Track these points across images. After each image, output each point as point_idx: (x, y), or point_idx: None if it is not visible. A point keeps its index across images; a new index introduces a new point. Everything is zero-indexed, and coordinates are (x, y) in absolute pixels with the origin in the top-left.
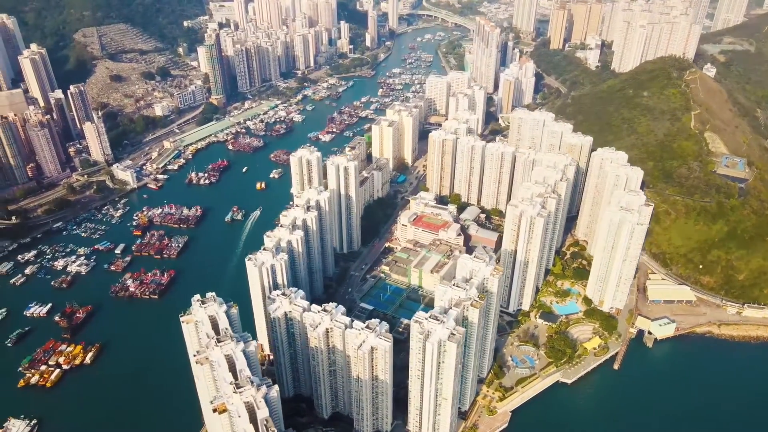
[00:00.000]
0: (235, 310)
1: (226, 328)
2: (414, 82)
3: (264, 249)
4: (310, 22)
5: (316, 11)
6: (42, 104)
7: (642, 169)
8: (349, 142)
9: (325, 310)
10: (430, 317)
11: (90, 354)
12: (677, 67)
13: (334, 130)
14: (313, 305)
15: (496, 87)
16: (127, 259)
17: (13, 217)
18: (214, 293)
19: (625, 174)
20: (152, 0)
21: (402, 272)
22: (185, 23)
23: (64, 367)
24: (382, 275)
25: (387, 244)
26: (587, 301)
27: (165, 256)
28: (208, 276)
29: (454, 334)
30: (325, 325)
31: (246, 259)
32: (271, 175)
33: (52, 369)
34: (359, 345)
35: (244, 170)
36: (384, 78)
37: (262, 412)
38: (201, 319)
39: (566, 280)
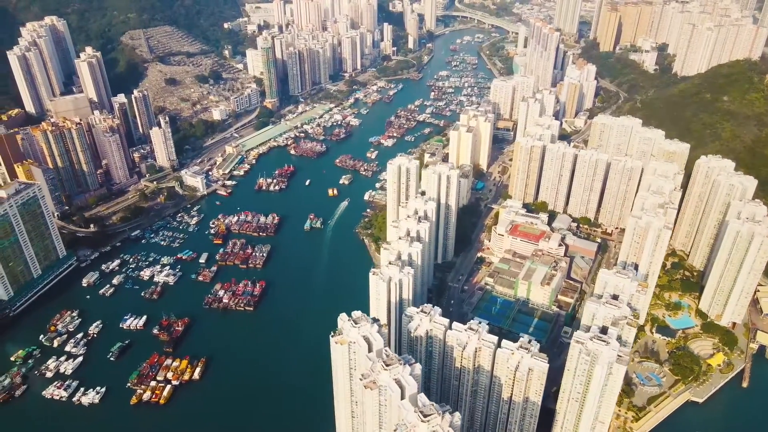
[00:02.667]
0: (385, 330)
1: (386, 350)
2: (464, 85)
3: (390, 264)
4: (352, 24)
5: (358, 13)
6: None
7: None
8: (424, 147)
9: (471, 329)
10: (593, 338)
11: (198, 369)
12: (756, 70)
13: (395, 134)
14: (455, 323)
15: None
16: (213, 269)
17: (92, 225)
18: (360, 312)
19: (740, 183)
20: (192, 2)
21: (507, 284)
22: (225, 25)
23: (174, 382)
24: (488, 287)
25: (479, 254)
26: (701, 314)
27: (250, 265)
28: (299, 287)
29: (620, 356)
30: (473, 344)
31: (371, 274)
32: (341, 181)
33: (163, 385)
34: (516, 366)
35: (307, 183)
36: (433, 81)
37: None
38: (354, 340)
39: (673, 292)
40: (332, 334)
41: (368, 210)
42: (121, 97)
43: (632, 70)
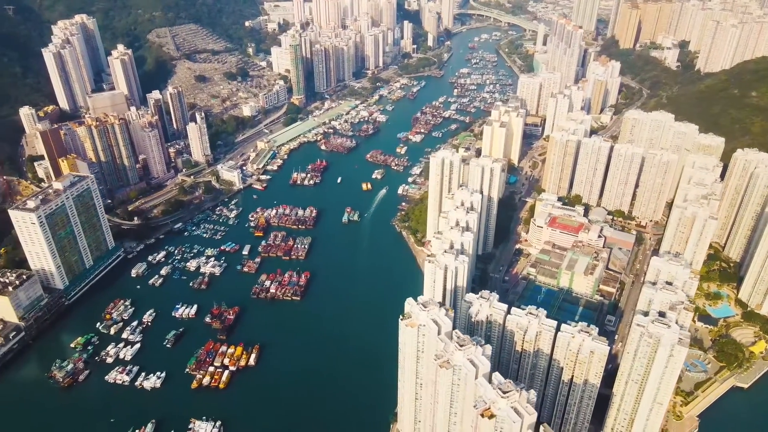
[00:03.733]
0: (451, 314)
1: (456, 332)
2: (485, 82)
3: (445, 252)
4: (372, 22)
5: (377, 11)
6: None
7: None
8: (454, 143)
9: (531, 313)
10: (654, 321)
11: (253, 355)
12: None
13: (422, 130)
14: (513, 308)
15: None
16: (257, 260)
17: (135, 218)
18: (431, 297)
19: None
20: (213, 0)
21: (550, 274)
22: (246, 23)
23: (231, 368)
24: (531, 277)
25: (517, 246)
26: (741, 304)
27: (293, 257)
28: (342, 277)
29: (681, 339)
30: (534, 328)
31: (426, 261)
32: (374, 176)
33: (221, 370)
34: (578, 349)
35: (338, 180)
36: (454, 78)
37: (531, 417)
38: (424, 323)
39: (711, 282)
40: (401, 317)
41: (403, 203)
42: (156, 94)
43: (654, 67)
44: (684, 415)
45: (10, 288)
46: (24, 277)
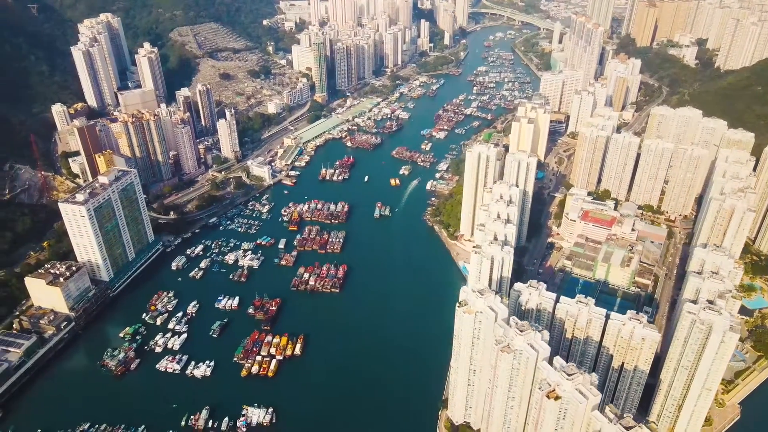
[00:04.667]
0: (506, 301)
1: (513, 318)
2: (504, 80)
3: (491, 242)
4: (389, 21)
5: (394, 9)
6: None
7: None
8: (480, 140)
9: (581, 302)
10: (705, 308)
11: (298, 345)
12: None
13: (445, 127)
14: (562, 297)
15: None
16: (294, 253)
17: (171, 213)
18: (486, 285)
19: None
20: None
21: (585, 266)
22: (264, 22)
23: (278, 357)
24: (567, 269)
25: (549, 240)
26: None
27: (328, 250)
28: (378, 270)
29: (733, 326)
30: (585, 315)
31: (472, 252)
32: (401, 172)
33: (268, 359)
34: (630, 335)
35: (365, 179)
36: (473, 76)
37: (595, 399)
38: (482, 310)
39: (744, 274)
40: (458, 305)
41: (432, 198)
42: (185, 91)
43: (672, 65)
44: (726, 402)
45: (62, 279)
46: (74, 268)
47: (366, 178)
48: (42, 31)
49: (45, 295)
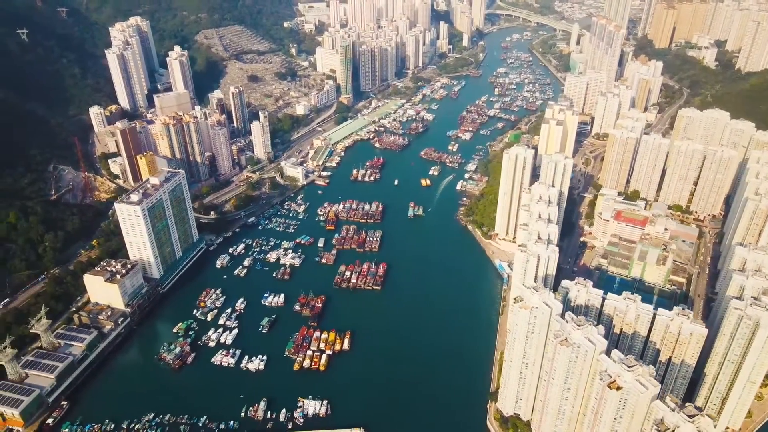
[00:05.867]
0: (559, 298)
1: (569, 313)
2: (524, 82)
3: (538, 241)
4: (408, 23)
5: (413, 11)
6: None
7: None
8: (506, 139)
9: (629, 298)
10: (752, 304)
11: (346, 340)
12: None
13: (470, 128)
14: (610, 294)
15: None
16: (333, 252)
17: (212, 212)
18: (540, 283)
19: None
20: (252, 2)
21: (621, 265)
22: (285, 24)
23: (328, 352)
24: (603, 268)
25: (582, 239)
26: None
27: (366, 249)
28: (416, 267)
29: None
30: (633, 311)
31: (518, 250)
32: (431, 172)
33: (318, 354)
34: (678, 330)
35: (395, 182)
36: (493, 77)
37: (655, 389)
38: (537, 305)
39: None
40: (513, 300)
41: (463, 198)
42: (218, 93)
43: (692, 66)
44: (765, 396)
45: (119, 276)
46: (129, 266)
47: (396, 182)
48: (72, 34)
49: (102, 291)
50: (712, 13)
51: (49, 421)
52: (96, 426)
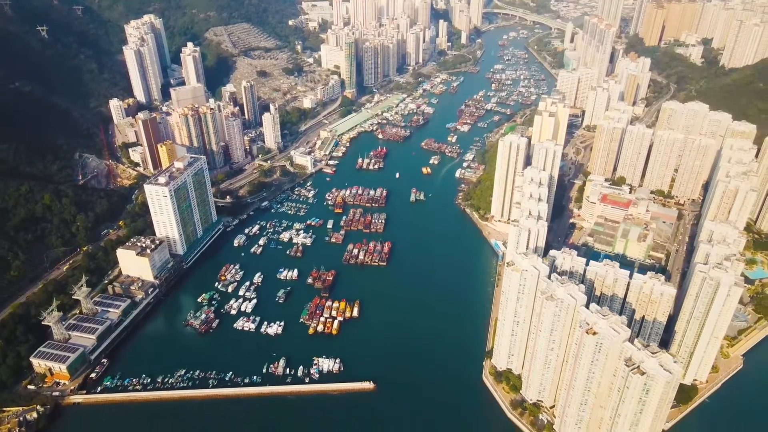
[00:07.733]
0: (547, 262)
1: (554, 275)
2: (520, 78)
3: (529, 217)
4: (409, 21)
5: (413, 10)
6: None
7: None
8: (501, 131)
9: (608, 263)
10: (714, 267)
11: (356, 308)
12: None
13: (468, 121)
14: (591, 261)
15: None
16: (342, 233)
17: (228, 197)
18: (530, 249)
19: None
20: (258, 0)
21: (605, 242)
22: (290, 22)
23: (339, 318)
24: (590, 245)
25: (571, 221)
26: None
27: (372, 230)
28: (418, 246)
29: (737, 282)
30: (611, 275)
31: (512, 224)
32: (431, 161)
33: (330, 320)
34: (650, 291)
35: (397, 176)
36: (490, 74)
37: (626, 333)
38: (527, 268)
39: (746, 249)
40: (506, 264)
41: (462, 185)
42: (230, 87)
43: (679, 63)
44: (730, 354)
45: (148, 251)
46: (157, 242)
47: (397, 175)
48: (88, 31)
49: (134, 264)
50: (699, 12)
51: (92, 375)
52: (134, 380)
